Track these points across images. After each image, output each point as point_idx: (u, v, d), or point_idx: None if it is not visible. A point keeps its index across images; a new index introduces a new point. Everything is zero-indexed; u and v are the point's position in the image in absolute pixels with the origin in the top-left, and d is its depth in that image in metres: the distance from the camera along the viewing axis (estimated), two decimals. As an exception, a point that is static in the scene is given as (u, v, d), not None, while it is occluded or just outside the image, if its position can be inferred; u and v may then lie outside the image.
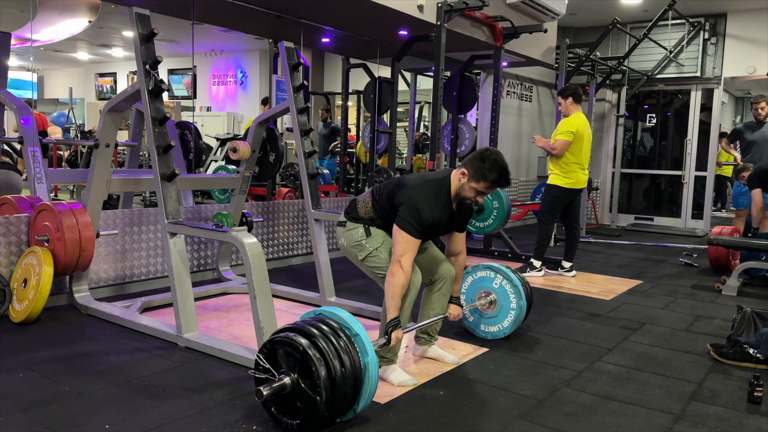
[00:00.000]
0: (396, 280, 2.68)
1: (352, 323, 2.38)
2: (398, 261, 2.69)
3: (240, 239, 2.98)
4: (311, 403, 2.21)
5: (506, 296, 3.47)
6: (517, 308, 3.44)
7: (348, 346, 2.30)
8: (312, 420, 2.23)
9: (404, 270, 2.68)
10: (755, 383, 2.75)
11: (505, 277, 3.46)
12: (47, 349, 3.13)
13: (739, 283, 4.98)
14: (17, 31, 6.32)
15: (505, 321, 3.48)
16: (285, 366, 2.29)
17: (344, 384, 2.24)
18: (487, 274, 3.54)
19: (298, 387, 2.25)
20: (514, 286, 3.44)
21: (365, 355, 2.33)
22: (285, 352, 2.28)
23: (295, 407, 2.27)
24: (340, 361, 2.24)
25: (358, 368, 2.30)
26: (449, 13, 5.15)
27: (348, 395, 2.28)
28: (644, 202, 9.87)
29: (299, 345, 2.22)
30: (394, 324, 2.71)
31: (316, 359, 2.20)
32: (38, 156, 4.44)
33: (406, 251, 2.69)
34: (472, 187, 2.76)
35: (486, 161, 2.72)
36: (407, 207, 2.72)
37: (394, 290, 2.69)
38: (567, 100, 5.26)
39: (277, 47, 4.42)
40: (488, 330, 3.52)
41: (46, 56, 12.86)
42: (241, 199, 4.65)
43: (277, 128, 4.97)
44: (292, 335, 2.28)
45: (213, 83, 12.48)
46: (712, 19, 8.58)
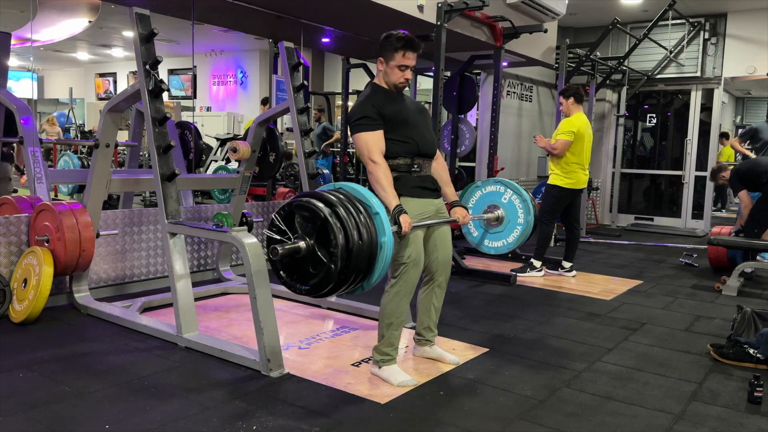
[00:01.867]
0: (376, 175, 2.73)
1: (374, 201, 2.36)
2: (369, 159, 2.75)
3: (240, 239, 2.98)
4: (325, 270, 2.20)
5: (514, 211, 3.38)
6: (524, 223, 3.36)
7: (368, 222, 2.27)
8: (323, 286, 2.22)
9: (378, 162, 2.74)
10: (755, 383, 2.75)
11: (515, 191, 3.39)
12: (47, 349, 3.13)
13: (739, 283, 4.98)
14: (17, 31, 6.32)
15: (511, 236, 3.41)
16: (301, 231, 2.26)
17: (360, 257, 2.22)
18: (497, 189, 3.45)
19: (313, 253, 2.22)
20: (523, 200, 3.36)
21: (383, 234, 2.30)
22: (303, 217, 2.25)
23: (307, 272, 2.25)
24: (359, 235, 2.21)
25: (375, 245, 2.28)
26: (449, 13, 5.15)
27: (361, 269, 2.26)
28: (644, 202, 9.86)
29: (320, 211, 2.20)
30: (399, 210, 2.67)
31: (336, 228, 2.18)
32: (38, 156, 4.44)
33: (370, 148, 2.76)
34: (392, 67, 2.85)
35: (390, 37, 2.85)
36: (352, 117, 2.83)
37: (380, 183, 2.71)
38: (568, 100, 5.26)
39: (277, 47, 4.42)
40: (492, 245, 3.46)
41: (46, 56, 12.86)
42: (241, 199, 4.65)
43: (277, 128, 4.98)
44: (314, 201, 2.25)
45: (213, 83, 12.49)
46: (712, 19, 8.58)
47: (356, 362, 3.10)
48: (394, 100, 2.90)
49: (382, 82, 2.92)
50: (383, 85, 2.92)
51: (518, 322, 3.94)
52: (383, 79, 2.91)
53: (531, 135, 8.89)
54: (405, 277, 2.80)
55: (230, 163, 8.03)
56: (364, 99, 2.88)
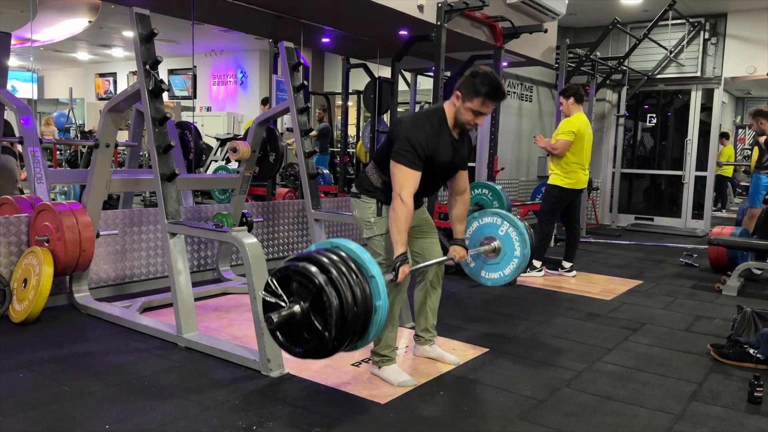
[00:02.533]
0: (398, 214, 2.64)
1: (370, 264, 2.35)
2: (398, 195, 2.63)
3: (240, 239, 2.98)
4: (319, 337, 2.19)
5: (511, 244, 3.40)
6: (521, 256, 3.38)
7: (363, 286, 2.26)
8: (317, 352, 2.22)
9: (405, 202, 2.63)
10: (755, 383, 2.75)
11: (512, 224, 3.39)
12: (47, 349, 3.13)
13: (739, 283, 4.98)
14: (17, 31, 6.32)
15: (507, 269, 3.42)
16: (296, 294, 2.25)
17: (355, 324, 2.22)
18: (494, 221, 3.47)
19: (308, 318, 2.22)
20: (520, 233, 3.37)
21: (378, 298, 2.29)
22: (299, 282, 2.24)
23: (301, 337, 2.24)
24: (353, 300, 2.20)
25: (369, 310, 2.27)
26: (449, 13, 5.15)
27: (356, 332, 2.26)
28: (644, 202, 9.86)
29: (315, 277, 2.18)
30: (402, 259, 2.65)
31: (332, 296, 2.16)
32: (38, 156, 4.44)
33: (404, 184, 2.65)
34: (468, 108, 2.71)
35: (477, 76, 2.68)
36: (401, 140, 2.68)
37: (398, 224, 2.64)
38: (569, 100, 5.26)
39: (277, 47, 4.42)
40: (489, 276, 3.46)
41: (46, 56, 12.85)
42: (241, 199, 4.65)
43: (277, 128, 4.97)
44: (309, 266, 2.22)
45: (213, 83, 12.48)
46: (713, 19, 8.58)
47: (356, 362, 3.10)
48: (445, 143, 2.77)
49: (451, 114, 2.77)
50: (449, 119, 2.77)
51: (518, 322, 3.94)
52: (454, 112, 2.76)
53: (531, 135, 8.89)
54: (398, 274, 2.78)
55: (230, 163, 8.03)
56: (427, 132, 2.71)
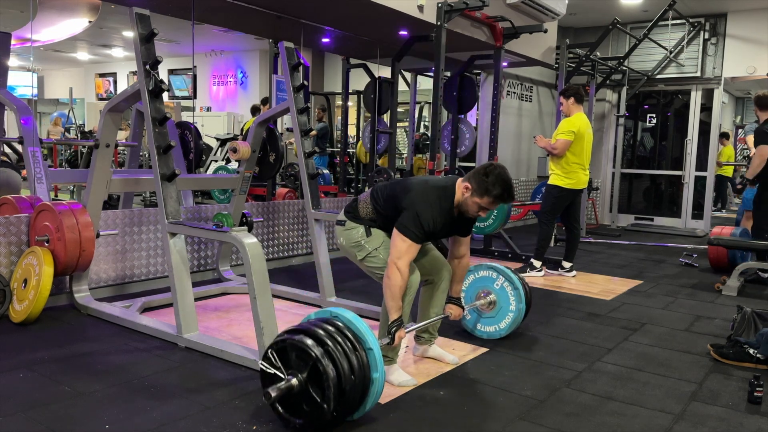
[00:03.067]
0: (393, 282, 2.68)
1: (368, 336, 2.36)
2: (395, 263, 2.67)
3: (240, 239, 2.98)
4: (317, 409, 2.22)
5: (506, 298, 3.46)
6: (516, 311, 3.44)
7: (361, 361, 2.29)
8: (316, 424, 2.25)
9: (401, 272, 2.67)
10: (755, 383, 2.75)
11: (507, 279, 3.46)
12: (47, 349, 3.13)
13: (739, 283, 4.98)
14: (17, 31, 6.32)
15: (503, 322, 3.47)
16: (295, 366, 2.28)
17: (352, 394, 2.25)
18: (489, 274, 3.53)
19: (306, 390, 2.25)
20: (515, 288, 3.44)
21: (375, 370, 2.33)
22: (296, 354, 2.27)
23: (300, 408, 2.27)
24: (352, 375, 2.24)
25: (367, 382, 2.31)
26: (449, 13, 5.15)
27: (354, 404, 2.30)
28: (644, 202, 9.86)
29: (311, 350, 2.22)
30: (397, 324, 2.72)
31: (329, 369, 2.20)
32: (38, 156, 4.44)
33: (403, 255, 2.68)
34: (475, 202, 2.73)
35: (490, 176, 2.68)
36: (409, 212, 2.70)
37: (392, 291, 2.69)
38: (569, 100, 5.26)
39: (277, 47, 4.42)
40: (485, 330, 3.51)
41: (46, 56, 12.86)
42: (241, 199, 4.65)
43: (277, 128, 4.97)
44: (306, 340, 2.26)
45: (213, 83, 12.49)
46: (712, 19, 8.58)
47: (356, 362, 3.10)
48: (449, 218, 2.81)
49: (457, 199, 2.78)
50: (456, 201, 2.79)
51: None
52: (459, 198, 2.77)
53: (531, 135, 8.89)
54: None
55: (230, 163, 8.03)
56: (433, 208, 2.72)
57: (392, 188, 2.87)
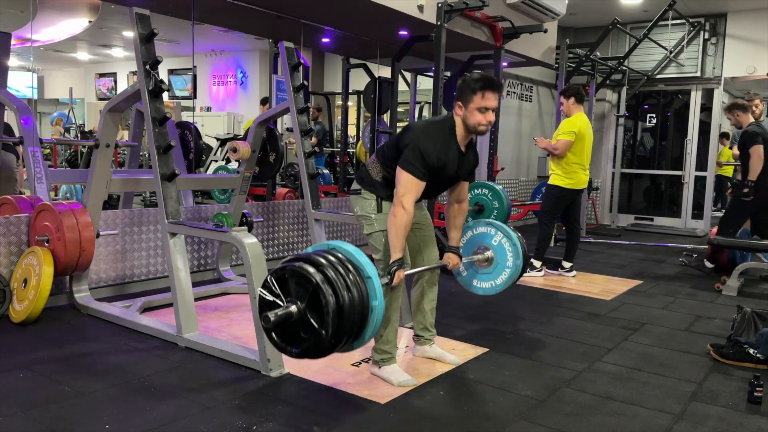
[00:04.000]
0: (398, 219, 2.67)
1: (367, 266, 2.37)
2: (400, 201, 2.66)
3: (240, 239, 2.98)
4: (316, 336, 2.21)
5: (504, 254, 3.41)
6: (513, 267, 3.39)
7: (360, 288, 2.28)
8: (314, 351, 2.24)
9: (406, 209, 2.66)
10: (755, 383, 2.75)
11: (505, 235, 3.41)
12: (47, 349, 3.13)
13: (739, 283, 4.98)
14: (17, 31, 6.32)
15: (499, 278, 3.43)
16: (293, 294, 2.28)
17: (351, 322, 2.24)
18: (488, 231, 3.49)
19: (305, 317, 2.24)
20: (513, 244, 3.39)
21: (374, 298, 2.32)
22: (296, 281, 2.26)
23: (298, 337, 2.26)
24: (350, 301, 2.23)
25: (366, 310, 2.30)
26: (449, 13, 5.15)
27: (352, 332, 2.28)
28: (644, 202, 9.87)
29: (312, 277, 2.21)
30: (398, 264, 2.68)
31: (328, 295, 2.19)
32: (38, 156, 4.44)
33: (407, 191, 2.68)
34: (472, 110, 2.74)
35: (466, 80, 2.76)
36: (411, 148, 2.71)
37: (397, 230, 2.67)
38: (569, 100, 5.26)
39: (277, 47, 4.42)
40: (481, 286, 3.48)
41: (46, 56, 12.85)
42: (241, 199, 4.65)
43: (277, 128, 4.98)
44: (306, 266, 2.25)
45: (213, 83, 12.48)
46: (712, 19, 8.58)
47: (356, 362, 3.10)
48: (453, 154, 2.80)
49: (459, 126, 2.80)
50: (459, 131, 2.81)
51: (518, 322, 3.94)
52: (462, 123, 2.79)
53: (531, 135, 8.89)
54: (393, 278, 2.79)
55: (230, 163, 8.03)
56: (438, 143, 2.74)
57: (396, 135, 2.90)
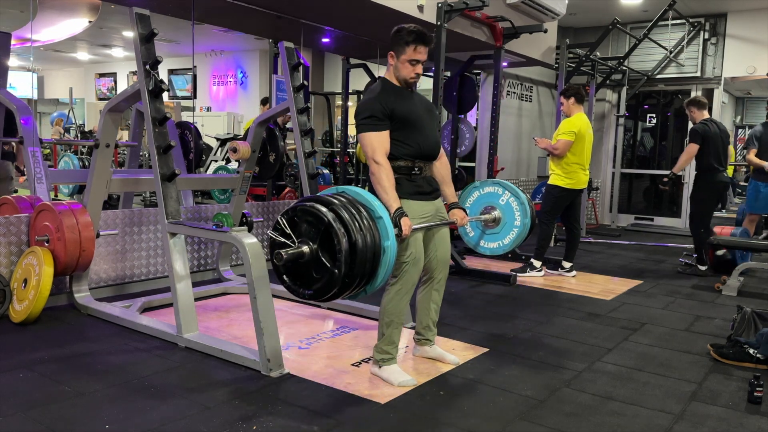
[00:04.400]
0: (378, 176, 2.70)
1: (377, 206, 2.37)
2: (372, 159, 2.71)
3: (240, 239, 2.98)
4: (329, 275, 2.21)
5: (511, 213, 3.40)
6: (521, 225, 3.38)
7: (371, 226, 2.28)
8: (326, 291, 2.23)
9: (381, 163, 2.70)
10: (755, 383, 2.75)
11: (513, 194, 3.39)
12: (47, 349, 3.13)
13: (739, 283, 4.98)
14: (17, 31, 6.32)
15: (507, 238, 3.42)
16: (304, 235, 2.27)
17: (363, 261, 2.24)
18: (495, 190, 3.47)
19: (317, 257, 2.24)
20: (521, 203, 3.37)
21: (386, 238, 2.32)
22: (307, 221, 2.26)
23: (311, 277, 2.26)
24: (362, 239, 2.22)
25: (378, 249, 2.29)
26: (449, 13, 5.15)
27: (365, 273, 2.27)
28: (644, 202, 9.86)
29: (324, 216, 2.21)
30: (399, 212, 2.67)
31: (340, 233, 2.19)
32: (38, 156, 4.44)
33: (374, 148, 2.72)
34: (403, 62, 2.79)
35: (401, 31, 2.79)
36: (357, 113, 2.79)
37: (382, 185, 2.69)
38: (569, 100, 5.26)
39: (277, 47, 4.42)
40: (488, 246, 3.47)
41: (46, 56, 12.86)
42: (241, 199, 4.65)
43: (277, 128, 4.97)
44: (318, 206, 2.26)
45: (213, 83, 12.49)
46: (712, 19, 8.58)
47: (356, 362, 3.10)
48: (404, 98, 2.85)
49: (392, 78, 2.87)
50: (394, 81, 2.87)
51: (518, 322, 3.94)
52: (394, 74, 2.86)
53: (531, 135, 8.89)
54: (406, 277, 2.81)
55: (230, 163, 8.03)
56: (372, 96, 2.81)
57: None
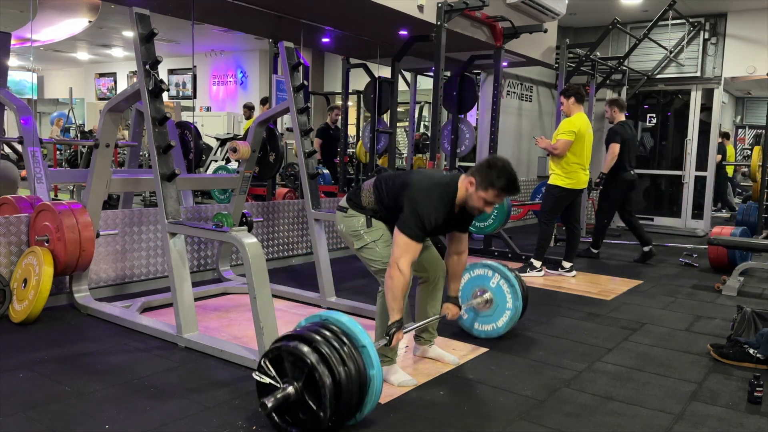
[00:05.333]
0: (395, 283, 2.64)
1: (360, 334, 2.34)
2: (396, 264, 2.63)
3: (240, 239, 2.98)
4: (314, 417, 2.20)
5: (503, 296, 3.45)
6: (512, 308, 3.43)
7: (356, 359, 2.27)
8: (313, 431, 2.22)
9: (403, 273, 2.63)
10: (755, 383, 2.75)
11: (503, 276, 3.45)
12: (47, 349, 3.13)
13: (739, 283, 4.98)
14: (17, 31, 6.32)
15: (500, 321, 3.46)
16: (289, 374, 2.25)
17: (350, 398, 2.23)
18: (485, 273, 3.52)
19: (302, 397, 2.22)
20: (511, 285, 3.43)
21: (371, 367, 2.30)
22: (292, 361, 2.24)
23: (297, 417, 2.25)
24: (347, 377, 2.21)
25: (364, 381, 2.29)
26: (449, 13, 5.15)
27: (352, 407, 2.27)
28: (644, 202, 9.85)
29: (307, 357, 2.19)
30: (397, 326, 2.69)
31: (324, 376, 2.17)
32: (38, 156, 4.44)
33: (405, 254, 2.65)
34: (480, 197, 2.68)
35: (493, 168, 2.64)
36: (411, 211, 2.66)
37: (394, 293, 2.65)
38: (569, 99, 5.26)
39: (277, 47, 4.42)
40: (482, 329, 3.51)
41: (46, 56, 12.87)
42: (241, 199, 4.65)
43: (277, 128, 4.97)
44: (301, 347, 2.23)
45: (213, 83, 12.49)
46: (712, 19, 8.57)
47: (356, 362, 3.10)
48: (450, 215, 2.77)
49: (461, 196, 2.73)
50: (458, 198, 2.74)
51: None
52: (464, 193, 2.72)
53: (531, 135, 8.89)
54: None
55: (230, 163, 8.03)
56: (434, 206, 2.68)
57: (396, 183, 2.81)
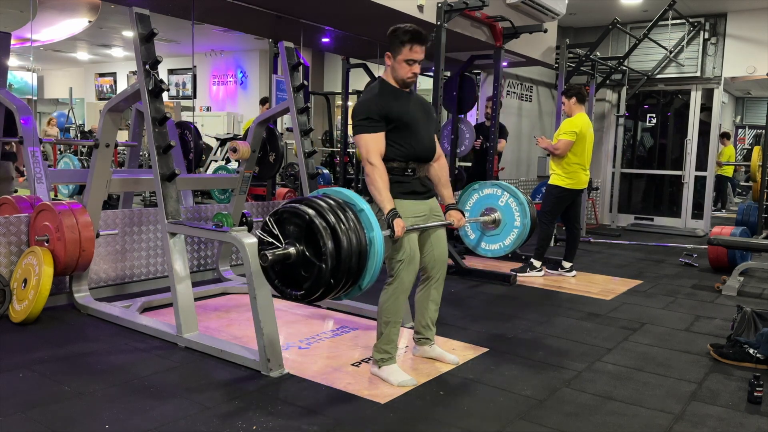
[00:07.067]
0: (372, 177, 2.72)
1: (357, 199, 2.41)
2: (366, 160, 2.73)
3: (240, 239, 2.98)
4: (317, 271, 2.25)
5: (511, 214, 3.40)
6: (521, 226, 3.38)
7: (353, 220, 2.32)
8: (315, 289, 2.26)
9: (375, 165, 2.72)
10: (755, 383, 2.75)
11: (512, 195, 3.40)
12: (47, 349, 3.13)
13: (739, 283, 4.98)
14: (17, 31, 6.32)
15: (507, 239, 3.43)
16: (292, 236, 2.33)
17: (350, 254, 2.27)
18: (494, 192, 3.48)
19: (303, 257, 2.29)
20: (520, 203, 3.38)
21: (370, 230, 2.35)
22: (292, 222, 2.33)
23: (300, 277, 2.31)
24: (346, 234, 2.27)
25: (363, 242, 2.32)
26: (449, 13, 5.15)
27: (353, 268, 2.30)
28: (644, 202, 9.86)
29: (305, 214, 2.27)
30: (393, 214, 2.68)
31: (322, 228, 2.24)
32: (38, 156, 4.44)
33: (369, 149, 2.74)
34: (400, 61, 2.81)
35: (395, 31, 2.81)
36: (354, 114, 2.81)
37: (376, 186, 2.72)
38: (571, 99, 5.26)
39: (277, 47, 4.42)
40: (489, 247, 3.48)
41: (46, 56, 12.86)
42: (241, 199, 4.65)
43: (277, 128, 4.98)
44: (299, 205, 2.32)
45: (213, 83, 12.49)
46: (712, 19, 8.57)
47: (356, 362, 3.10)
48: (400, 99, 2.86)
49: (390, 78, 2.89)
50: (391, 82, 2.88)
51: (518, 322, 3.94)
52: (391, 74, 2.88)
53: (531, 135, 8.89)
54: (401, 276, 2.81)
55: (230, 163, 8.03)
56: (369, 98, 2.84)
57: None
